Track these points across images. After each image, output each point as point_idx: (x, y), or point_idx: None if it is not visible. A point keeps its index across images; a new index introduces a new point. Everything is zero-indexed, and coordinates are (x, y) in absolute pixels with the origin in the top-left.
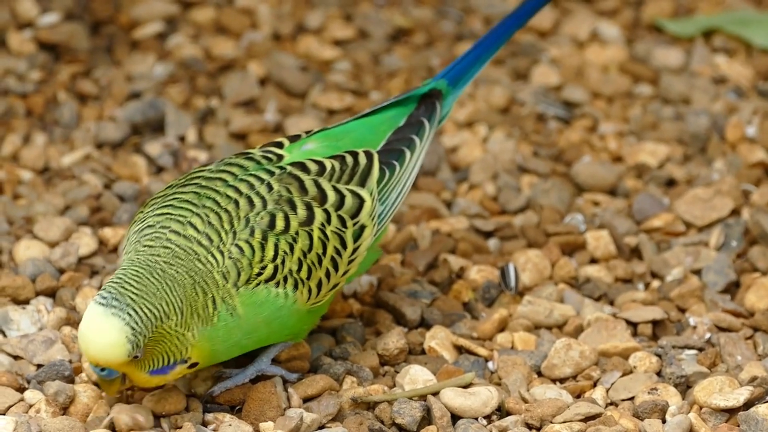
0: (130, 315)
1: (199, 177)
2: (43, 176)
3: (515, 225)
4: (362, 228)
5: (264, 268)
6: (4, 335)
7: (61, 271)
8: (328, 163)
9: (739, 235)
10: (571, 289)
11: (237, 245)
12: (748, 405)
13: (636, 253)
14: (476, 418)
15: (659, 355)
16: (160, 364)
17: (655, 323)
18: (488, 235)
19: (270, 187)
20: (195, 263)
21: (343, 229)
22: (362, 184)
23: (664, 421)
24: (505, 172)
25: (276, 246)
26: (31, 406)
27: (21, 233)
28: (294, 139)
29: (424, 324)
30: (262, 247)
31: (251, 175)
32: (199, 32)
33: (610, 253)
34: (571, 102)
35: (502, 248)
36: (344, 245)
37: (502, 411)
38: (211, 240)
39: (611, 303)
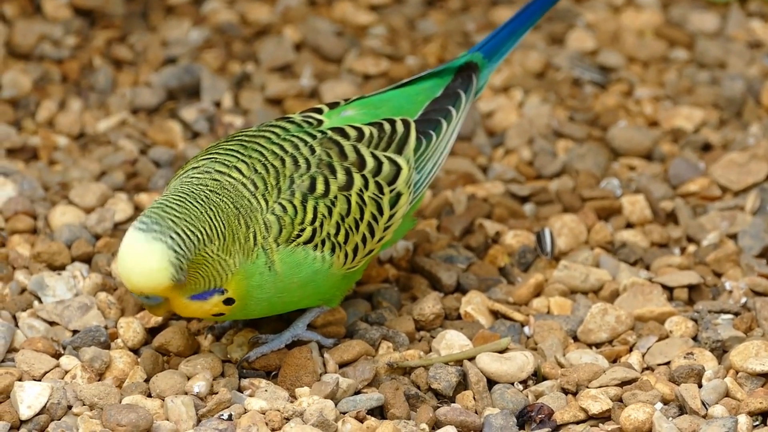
0: (172, 238)
1: (241, 135)
2: (79, 142)
3: (551, 190)
4: (398, 195)
5: (303, 230)
6: (40, 301)
7: (97, 237)
8: (366, 130)
9: None
10: (606, 253)
11: (280, 203)
12: None
13: (672, 217)
14: (512, 383)
15: (695, 320)
16: (200, 289)
17: (691, 288)
18: (524, 199)
19: (312, 150)
20: (241, 198)
21: (381, 196)
22: (399, 151)
23: (700, 386)
24: (541, 136)
25: (315, 209)
26: (66, 372)
27: (57, 199)
28: (333, 105)
29: (460, 289)
30: (304, 209)
31: (294, 136)
32: None
33: (645, 218)
34: (607, 66)
35: (538, 213)
36: (381, 211)
37: (538, 376)
38: (256, 186)
39: (647, 268)
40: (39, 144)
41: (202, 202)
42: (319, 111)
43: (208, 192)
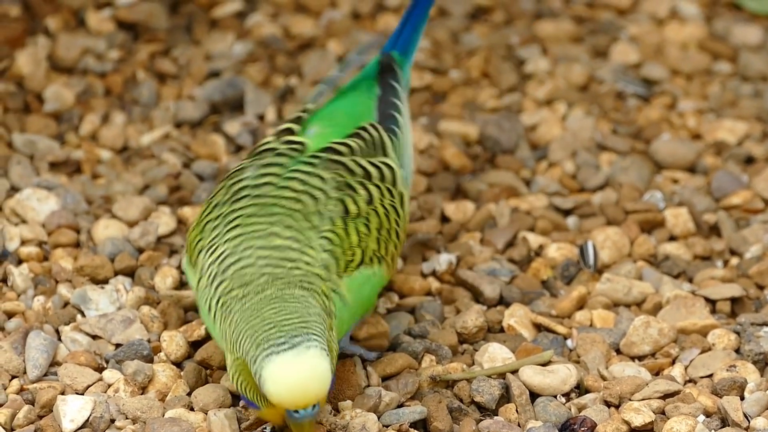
0: (316, 339)
1: (243, 188)
2: (122, 155)
3: (594, 203)
4: (401, 195)
5: (354, 253)
6: (83, 315)
7: (140, 251)
8: (351, 143)
9: None
10: (649, 266)
11: (324, 237)
12: None
13: (715, 230)
14: (555, 396)
15: (738, 333)
16: None
17: (734, 300)
18: (567, 212)
19: (321, 178)
20: (294, 274)
21: (393, 199)
22: (385, 154)
23: (742, 398)
24: (584, 149)
25: (356, 230)
26: (109, 385)
27: (100, 212)
28: (296, 121)
29: (503, 302)
30: (347, 234)
31: (296, 171)
32: (278, 11)
33: (688, 231)
34: (650, 79)
35: (581, 226)
36: (398, 215)
37: (580, 388)
38: (299, 241)
39: (690, 280)
40: (82, 157)
41: (295, 298)
42: (291, 132)
43: (284, 285)
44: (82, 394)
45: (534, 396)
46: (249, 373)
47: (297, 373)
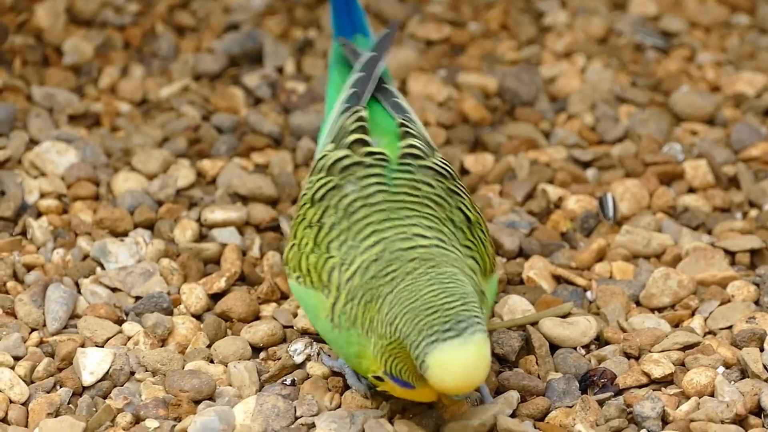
0: (479, 323)
1: (354, 201)
2: (141, 108)
3: (613, 155)
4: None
5: (486, 261)
6: (103, 267)
7: (160, 203)
8: (418, 144)
9: None
10: (669, 218)
11: (465, 246)
12: None
13: (734, 182)
14: (575, 348)
15: (757, 284)
16: None
17: (753, 252)
18: (586, 165)
19: (430, 185)
20: (449, 258)
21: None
22: (433, 149)
23: (762, 350)
24: (603, 102)
25: (479, 237)
26: (129, 338)
27: (119, 165)
28: (364, 131)
29: (523, 254)
30: (479, 241)
31: (398, 179)
32: None
33: (708, 183)
34: (669, 32)
35: (600, 178)
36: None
37: (600, 340)
38: (444, 242)
39: (709, 232)
40: (101, 110)
41: (449, 278)
42: (366, 143)
43: (437, 264)
44: (102, 346)
45: (554, 348)
46: (405, 356)
47: (464, 362)
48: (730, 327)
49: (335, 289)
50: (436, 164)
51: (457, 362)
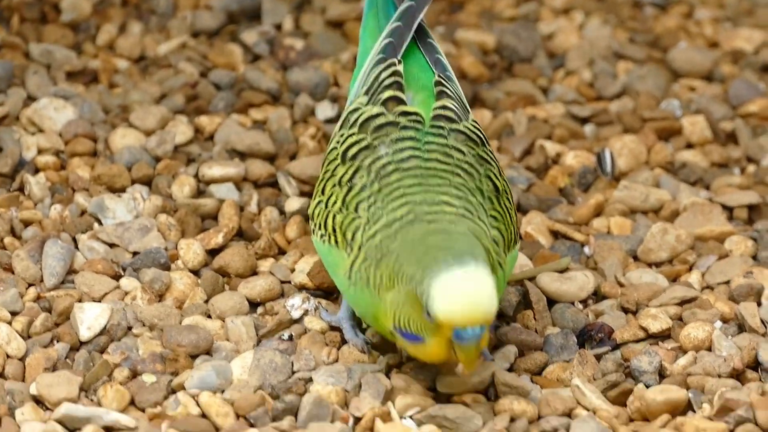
0: (484, 262)
1: (387, 165)
2: (139, 65)
3: (611, 111)
4: None
5: (511, 233)
6: (100, 223)
7: (157, 159)
8: (451, 105)
9: None
10: (667, 173)
11: (491, 216)
12: None
13: (732, 137)
14: (572, 303)
15: (755, 239)
16: None
17: (751, 207)
18: (584, 120)
19: (461, 151)
20: (472, 224)
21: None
22: (467, 111)
23: (759, 304)
24: (601, 58)
25: (506, 207)
26: (126, 293)
27: (117, 122)
28: (400, 88)
29: (521, 209)
30: (505, 211)
31: (431, 144)
32: None
33: (705, 138)
34: None
35: (598, 134)
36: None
37: (598, 295)
38: (470, 212)
39: (707, 187)
40: (99, 67)
41: (461, 233)
42: (401, 101)
43: (451, 221)
44: (99, 301)
45: (551, 303)
46: (412, 304)
47: (466, 288)
48: (727, 282)
49: (357, 248)
50: (468, 129)
51: (459, 289)
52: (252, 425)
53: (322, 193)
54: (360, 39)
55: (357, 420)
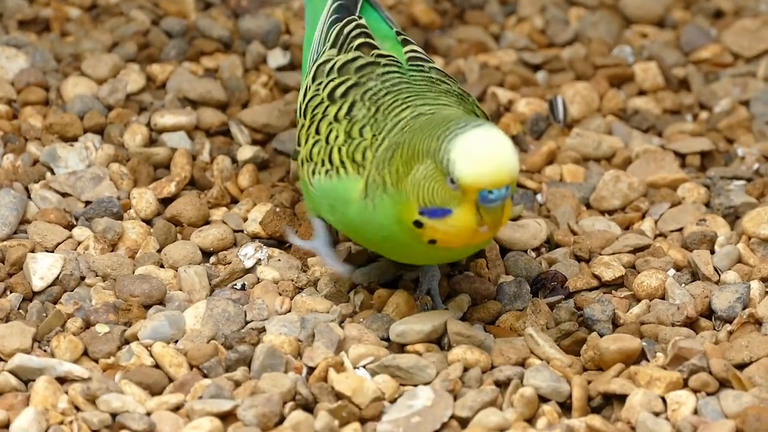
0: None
1: (379, 91)
2: (91, 13)
3: (563, 58)
4: None
5: None
6: (52, 172)
7: (109, 108)
8: (420, 49)
9: None
10: (619, 120)
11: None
12: None
13: (684, 84)
14: (525, 251)
15: (707, 186)
16: None
17: (704, 154)
18: (536, 68)
19: (449, 84)
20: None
21: None
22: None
23: (712, 252)
24: (553, 4)
25: None
26: (79, 243)
27: (69, 70)
28: (371, 37)
29: None
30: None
31: (416, 78)
32: None
33: (658, 85)
34: None
35: (551, 81)
36: None
37: (551, 243)
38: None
39: (659, 134)
40: (51, 15)
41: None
42: (376, 47)
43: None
44: (52, 251)
45: (504, 251)
46: (434, 177)
47: (488, 146)
48: (680, 229)
49: (369, 163)
50: (438, 69)
51: (481, 146)
52: (205, 375)
53: (317, 133)
54: (306, 4)
55: (310, 370)
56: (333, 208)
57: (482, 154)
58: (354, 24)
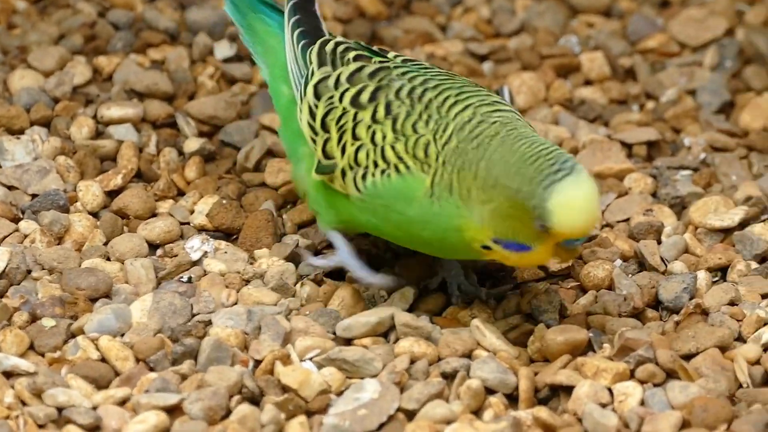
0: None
1: (414, 89)
2: (38, 5)
3: (510, 48)
4: None
5: None
6: None
7: (56, 101)
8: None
9: (733, 55)
10: (565, 110)
11: None
12: (743, 225)
13: (630, 74)
14: None
15: (654, 176)
16: None
17: (650, 144)
18: (483, 58)
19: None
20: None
21: None
22: None
23: (659, 242)
24: None
25: None
26: (25, 236)
27: (15, 63)
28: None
29: None
30: None
31: (416, 75)
32: None
33: (604, 75)
34: None
35: (497, 71)
36: None
37: None
38: (514, 111)
39: (606, 124)
40: None
41: (534, 134)
42: (369, 57)
43: (516, 126)
44: None
45: None
46: (520, 216)
47: (585, 196)
48: (627, 219)
49: (434, 159)
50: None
51: (579, 198)
52: (152, 369)
53: (356, 139)
54: (253, 44)
55: (257, 363)
56: (387, 208)
57: (579, 208)
58: (333, 43)
